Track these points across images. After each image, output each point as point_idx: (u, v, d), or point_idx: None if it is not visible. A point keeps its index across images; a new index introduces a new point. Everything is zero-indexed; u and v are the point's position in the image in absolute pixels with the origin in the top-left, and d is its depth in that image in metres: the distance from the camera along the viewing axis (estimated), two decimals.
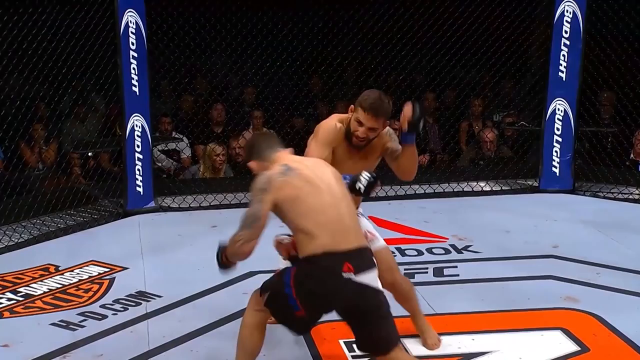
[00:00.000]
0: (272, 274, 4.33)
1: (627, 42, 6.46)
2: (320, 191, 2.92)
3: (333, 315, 3.99)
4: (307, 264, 2.94)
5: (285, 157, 3.06)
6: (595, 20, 6.31)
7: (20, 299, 4.40)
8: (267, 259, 4.78)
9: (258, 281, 4.55)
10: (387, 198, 6.35)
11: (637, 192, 6.33)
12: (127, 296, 4.40)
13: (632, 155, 6.76)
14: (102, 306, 4.28)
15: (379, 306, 2.96)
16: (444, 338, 3.73)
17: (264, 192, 2.90)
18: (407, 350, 3.56)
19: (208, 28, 6.90)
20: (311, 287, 2.91)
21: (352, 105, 3.45)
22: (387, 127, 3.51)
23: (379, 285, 2.98)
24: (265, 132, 3.39)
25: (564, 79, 6.29)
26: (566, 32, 6.22)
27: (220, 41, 6.96)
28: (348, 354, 3.64)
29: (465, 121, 7.75)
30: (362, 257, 2.94)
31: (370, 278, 2.93)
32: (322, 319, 3.11)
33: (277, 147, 3.10)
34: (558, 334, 3.83)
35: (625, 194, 6.33)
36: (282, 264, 3.53)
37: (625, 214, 5.93)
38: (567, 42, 6.23)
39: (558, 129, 6.38)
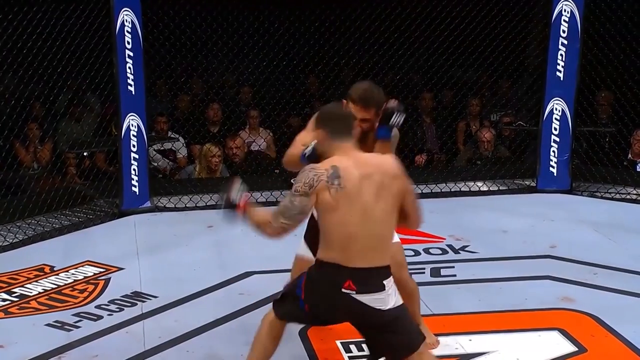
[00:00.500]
0: (268, 275, 4.30)
1: (625, 41, 6.45)
2: (353, 208, 2.87)
3: None
4: (316, 268, 2.98)
5: (344, 152, 2.95)
6: (593, 19, 6.30)
7: (15, 299, 4.38)
8: (264, 259, 4.79)
9: (254, 281, 4.58)
10: None
11: (634, 192, 6.32)
12: (122, 296, 4.38)
13: (629, 155, 6.74)
14: (98, 307, 4.26)
15: (383, 323, 2.93)
16: (441, 339, 3.72)
17: (312, 189, 2.88)
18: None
19: (204, 27, 6.87)
20: (314, 292, 2.96)
21: (344, 100, 3.44)
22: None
23: (385, 306, 2.92)
24: (347, 111, 3.18)
25: (561, 79, 6.28)
26: (564, 31, 6.20)
27: (217, 40, 6.93)
28: (345, 355, 3.62)
29: (463, 121, 7.73)
30: (369, 278, 2.90)
31: (373, 299, 2.90)
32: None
33: (347, 137, 2.99)
34: (555, 334, 3.82)
35: (622, 194, 6.32)
36: (301, 249, 3.59)
37: (623, 214, 5.91)
38: (565, 42, 6.21)
39: (555, 129, 6.37)
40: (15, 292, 4.47)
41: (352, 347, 3.66)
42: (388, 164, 2.99)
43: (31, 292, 4.47)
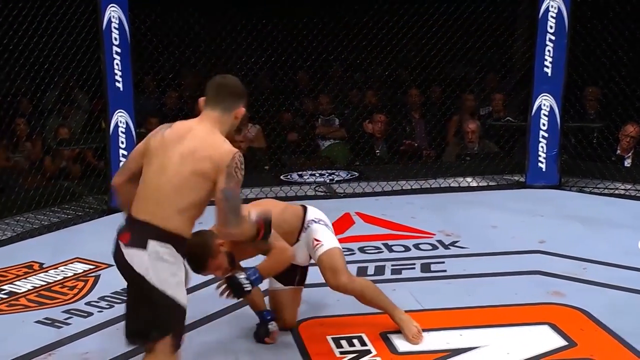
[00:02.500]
0: None
1: (611, 37, 6.48)
2: (155, 160, 2.89)
3: (321, 312, 3.99)
4: None
5: (197, 118, 3.00)
6: (579, 15, 6.32)
7: (4, 296, 4.35)
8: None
9: None
10: (374, 194, 6.34)
11: (622, 187, 6.35)
12: (112, 293, 4.35)
13: (617, 151, 6.78)
14: (88, 303, 4.24)
15: (137, 287, 2.84)
16: (431, 334, 3.72)
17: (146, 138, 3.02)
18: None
19: (192, 23, 6.85)
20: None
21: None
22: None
23: (145, 272, 2.79)
24: (222, 81, 3.13)
25: (549, 75, 6.30)
26: (551, 27, 6.22)
27: (205, 36, 6.91)
28: (336, 350, 3.62)
29: (456, 115, 7.73)
30: (140, 232, 2.82)
31: (133, 255, 2.81)
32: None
33: (209, 104, 2.99)
34: (545, 328, 3.83)
35: (611, 189, 6.35)
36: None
37: (611, 209, 5.94)
38: (552, 38, 6.23)
39: (544, 125, 6.40)
40: (4, 289, 4.44)
41: (343, 342, 3.67)
42: (215, 146, 2.88)
43: (20, 289, 4.45)
